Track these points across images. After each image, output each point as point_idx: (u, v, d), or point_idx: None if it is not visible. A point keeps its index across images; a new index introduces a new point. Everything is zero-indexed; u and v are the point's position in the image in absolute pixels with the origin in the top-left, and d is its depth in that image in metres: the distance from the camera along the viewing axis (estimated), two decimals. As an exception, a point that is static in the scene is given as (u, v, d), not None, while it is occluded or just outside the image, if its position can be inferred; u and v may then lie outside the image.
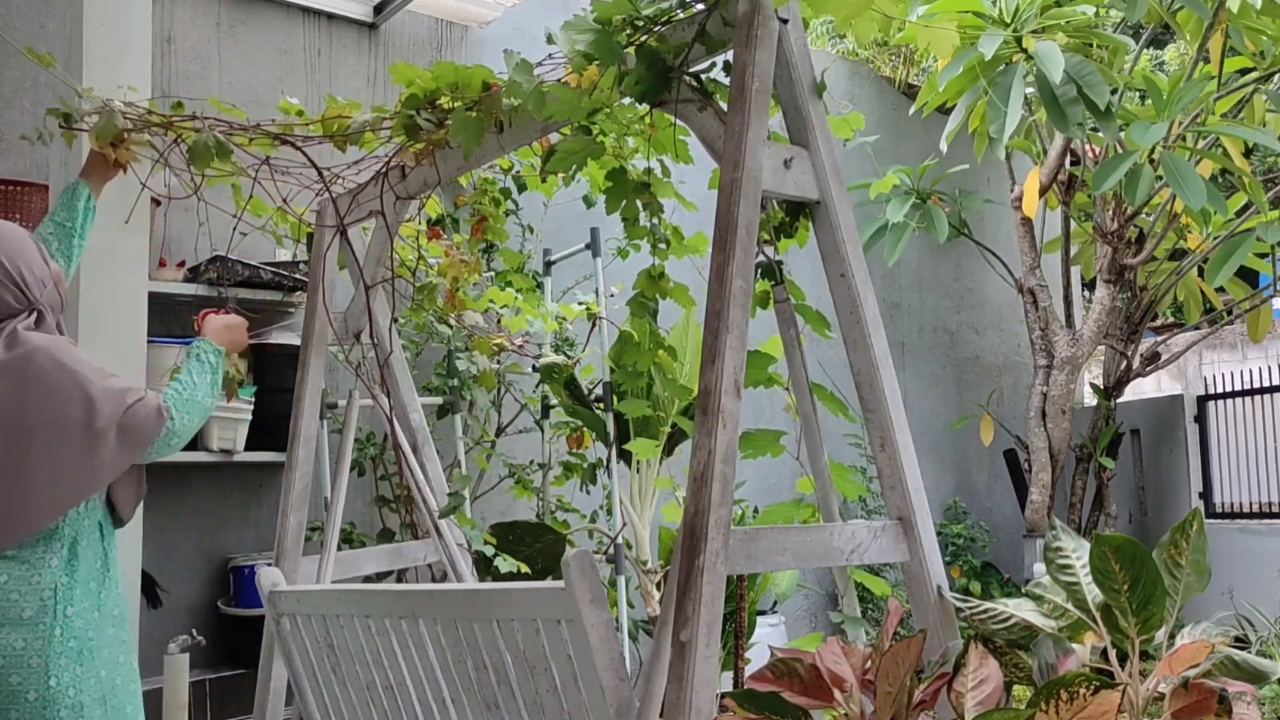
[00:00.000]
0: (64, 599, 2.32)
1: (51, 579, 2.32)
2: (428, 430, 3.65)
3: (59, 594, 2.32)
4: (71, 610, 2.33)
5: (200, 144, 3.07)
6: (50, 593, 2.31)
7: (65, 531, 2.35)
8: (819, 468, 2.60)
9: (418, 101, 2.79)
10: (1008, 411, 6.80)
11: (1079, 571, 2.28)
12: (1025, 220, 5.87)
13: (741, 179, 2.04)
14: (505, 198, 4.07)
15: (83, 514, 2.39)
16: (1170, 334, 6.43)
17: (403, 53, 4.87)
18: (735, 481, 1.96)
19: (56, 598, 2.31)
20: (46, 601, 2.30)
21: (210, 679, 3.93)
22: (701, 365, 1.99)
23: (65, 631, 2.31)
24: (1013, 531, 6.53)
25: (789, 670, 2.04)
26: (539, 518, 4.48)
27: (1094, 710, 1.79)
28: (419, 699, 2.52)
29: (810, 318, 2.64)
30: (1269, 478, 6.05)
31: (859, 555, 2.18)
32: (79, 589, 2.35)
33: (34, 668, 2.27)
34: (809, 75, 2.27)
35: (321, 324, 3.37)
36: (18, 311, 2.37)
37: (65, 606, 2.32)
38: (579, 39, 2.28)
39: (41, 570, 2.32)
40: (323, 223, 3.41)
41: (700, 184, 2.87)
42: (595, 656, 1.95)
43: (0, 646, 2.25)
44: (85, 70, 3.25)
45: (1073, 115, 4.06)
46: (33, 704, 2.26)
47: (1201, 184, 4.41)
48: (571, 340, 4.63)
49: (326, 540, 3.31)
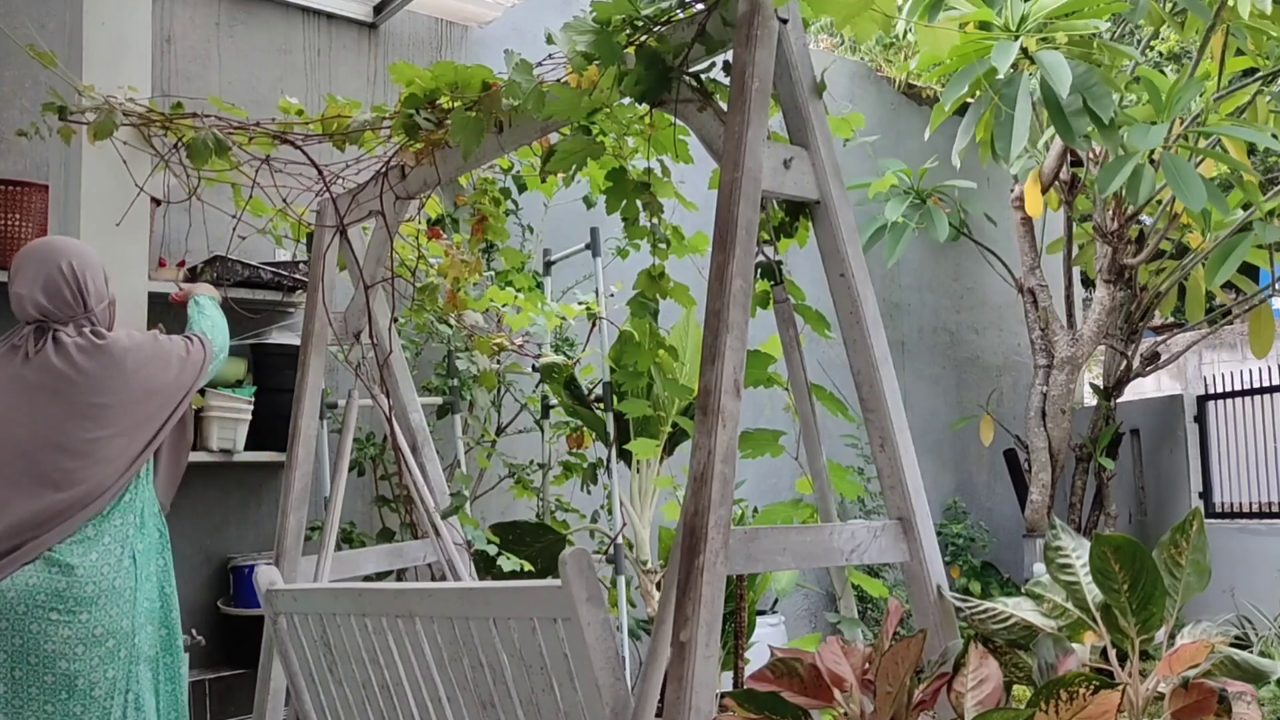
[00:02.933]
0: (142, 565, 2.66)
1: (130, 548, 2.63)
2: (428, 430, 3.65)
3: (137, 561, 2.64)
4: (146, 574, 2.67)
5: (199, 142, 3.07)
6: (131, 561, 2.62)
7: (137, 502, 2.67)
8: (818, 468, 2.59)
9: (417, 101, 2.79)
10: (1008, 411, 6.80)
11: (1079, 571, 2.27)
12: (1025, 220, 5.87)
13: (741, 179, 2.04)
14: (505, 197, 4.07)
15: (145, 484, 2.72)
16: (1170, 334, 6.43)
17: (403, 53, 4.86)
18: (735, 481, 1.96)
19: (135, 565, 2.63)
20: (129, 570, 2.61)
21: (210, 679, 3.93)
22: (701, 365, 1.99)
23: (143, 595, 2.65)
24: (1013, 531, 6.53)
25: (789, 670, 2.03)
26: (539, 518, 4.48)
27: (1094, 710, 1.79)
28: (415, 698, 2.52)
29: (810, 318, 2.64)
30: (1269, 478, 6.05)
31: (859, 555, 2.18)
32: (152, 554, 2.71)
33: (124, 630, 2.59)
34: (809, 75, 2.27)
35: (321, 324, 3.37)
36: (73, 316, 2.68)
37: (143, 571, 2.66)
38: (579, 39, 2.28)
39: (123, 542, 2.62)
40: (322, 223, 3.41)
41: (700, 184, 2.87)
42: (591, 655, 1.95)
43: (100, 617, 2.54)
44: (85, 70, 3.25)
45: (1078, 127, 4.05)
46: (124, 661, 2.59)
47: (1201, 185, 4.41)
48: (571, 340, 4.62)
49: (325, 540, 3.31)
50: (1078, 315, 6.05)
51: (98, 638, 2.53)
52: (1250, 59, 4.99)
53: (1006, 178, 6.28)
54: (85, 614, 2.52)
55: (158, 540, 2.77)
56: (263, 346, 4.13)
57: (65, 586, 2.51)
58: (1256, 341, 5.66)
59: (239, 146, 3.21)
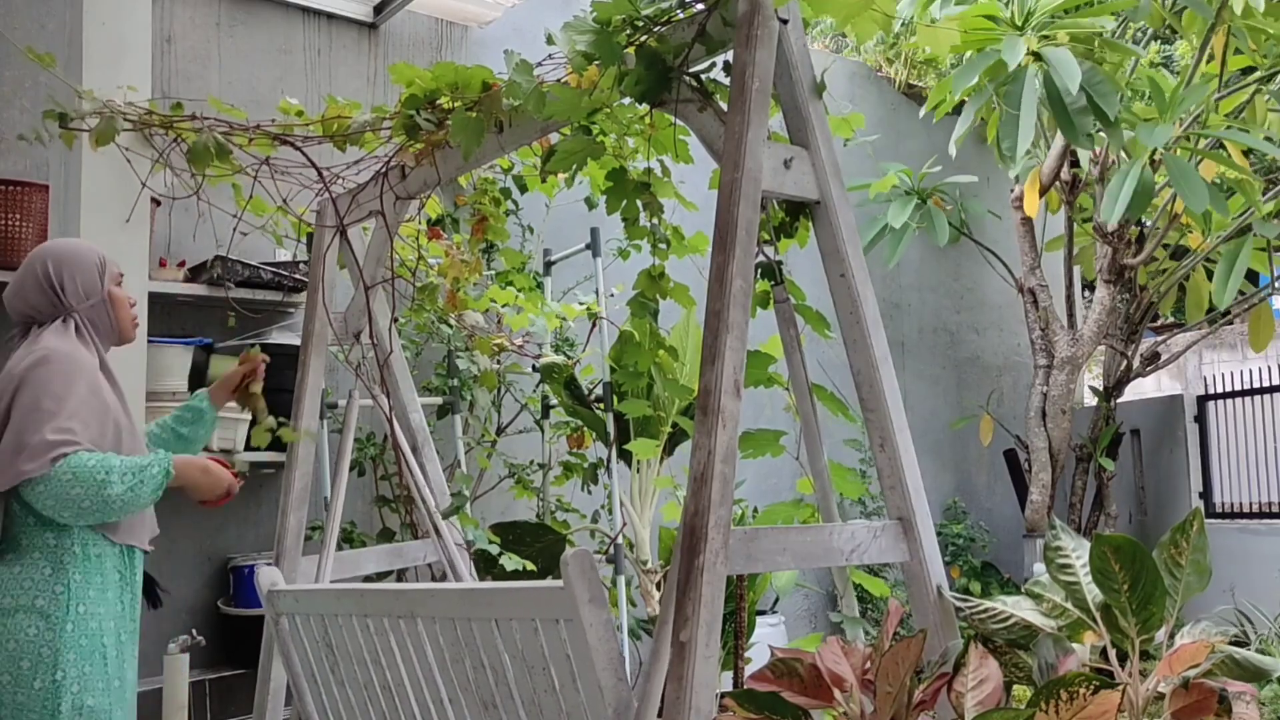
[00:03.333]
0: (78, 595, 2.39)
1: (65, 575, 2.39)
2: (428, 430, 3.65)
3: (72, 590, 2.38)
4: (84, 609, 2.40)
5: (200, 145, 3.07)
6: (64, 588, 2.38)
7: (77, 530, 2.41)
8: (819, 468, 2.60)
9: (418, 101, 2.79)
10: (1008, 411, 6.80)
11: (1079, 571, 2.27)
12: (1025, 220, 5.87)
13: (741, 179, 2.04)
14: (506, 198, 4.07)
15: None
16: (1170, 334, 6.43)
17: (403, 53, 4.86)
18: (735, 481, 1.96)
19: (70, 593, 2.38)
20: (59, 596, 2.37)
21: (210, 679, 3.93)
22: (701, 365, 1.99)
23: (77, 628, 2.37)
24: (1013, 531, 6.53)
25: (789, 670, 2.04)
26: (539, 518, 4.48)
27: (1094, 710, 1.79)
28: (417, 699, 2.52)
29: (810, 318, 2.64)
30: (1269, 478, 6.05)
31: (859, 555, 2.18)
32: (93, 590, 2.41)
33: (44, 658, 2.33)
34: (809, 75, 2.27)
35: (321, 324, 3.37)
36: (51, 316, 2.53)
37: (78, 604, 2.38)
38: (579, 39, 2.28)
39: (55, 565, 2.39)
40: (323, 223, 3.41)
41: (700, 184, 2.87)
42: (594, 656, 1.95)
43: (14, 630, 2.33)
44: (85, 70, 3.25)
45: (1082, 126, 4.04)
46: (37, 693, 2.32)
47: (1204, 186, 4.41)
48: (571, 340, 4.62)
49: (326, 540, 3.31)
50: (1078, 315, 6.05)
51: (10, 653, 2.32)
52: (1249, 58, 4.99)
53: (1006, 177, 6.28)
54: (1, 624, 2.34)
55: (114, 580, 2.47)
56: (263, 346, 4.13)
57: None
58: (1255, 337, 5.66)
59: (239, 148, 3.21)
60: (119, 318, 2.64)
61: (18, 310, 2.57)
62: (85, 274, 2.58)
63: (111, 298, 2.62)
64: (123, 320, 2.65)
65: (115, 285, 2.64)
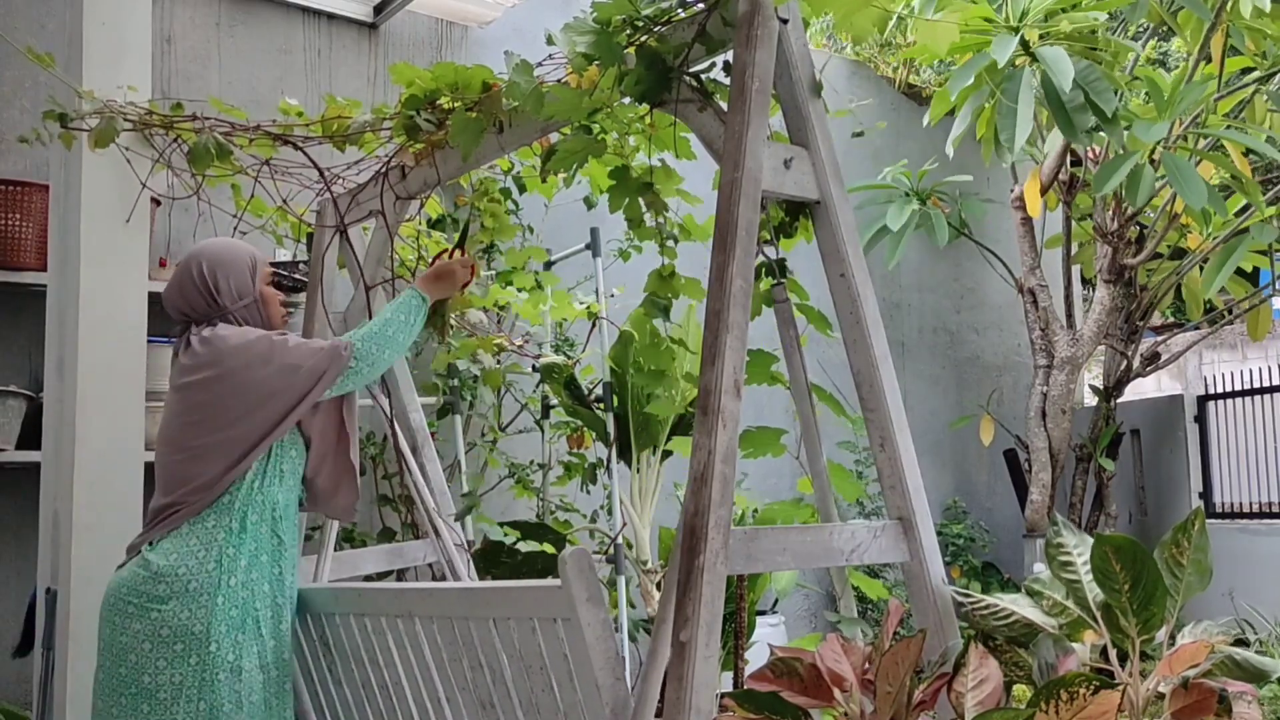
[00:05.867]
0: (229, 569, 2.52)
1: (218, 551, 2.52)
2: (428, 430, 3.65)
3: (224, 564, 2.52)
4: (235, 581, 2.54)
5: (200, 145, 3.07)
6: (215, 564, 2.51)
7: (236, 505, 2.56)
8: (818, 468, 2.59)
9: (418, 102, 2.79)
10: (1008, 411, 6.80)
11: (1080, 569, 2.27)
12: (1025, 220, 5.87)
13: (741, 179, 2.04)
14: (506, 198, 4.07)
15: (255, 489, 2.60)
16: (1170, 334, 6.43)
17: (403, 53, 4.87)
18: (735, 481, 1.96)
19: (221, 568, 2.51)
20: (211, 573, 2.50)
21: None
22: (701, 365, 1.99)
23: (228, 601, 2.51)
24: (1013, 531, 6.53)
25: (789, 669, 2.03)
26: (539, 518, 4.48)
27: (1094, 710, 1.79)
28: (415, 698, 2.52)
29: (812, 317, 2.64)
30: (1269, 478, 6.05)
31: (859, 555, 2.17)
32: (245, 559, 2.56)
33: (196, 635, 2.47)
34: (809, 75, 2.27)
35: (321, 324, 3.37)
36: (207, 316, 2.67)
37: (229, 577, 2.52)
38: (579, 39, 2.28)
39: (209, 544, 2.52)
40: (323, 223, 3.41)
41: (701, 183, 2.87)
42: (591, 655, 1.95)
43: (168, 618, 2.46)
44: (85, 70, 3.25)
45: (1080, 123, 4.04)
46: (194, 667, 2.47)
47: (1203, 184, 4.41)
48: (571, 340, 4.62)
49: (325, 540, 3.31)
50: (1078, 315, 6.04)
51: (164, 638, 2.46)
52: (1248, 58, 4.99)
53: (1006, 177, 6.28)
54: (155, 612, 2.47)
55: (269, 546, 2.62)
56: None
57: (142, 581, 2.49)
58: (1254, 329, 5.68)
59: (240, 149, 3.21)
60: (270, 315, 2.77)
61: (176, 309, 2.70)
62: (238, 275, 2.71)
63: (263, 296, 2.76)
64: (273, 317, 2.78)
65: (266, 284, 2.78)
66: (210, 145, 3.07)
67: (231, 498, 2.57)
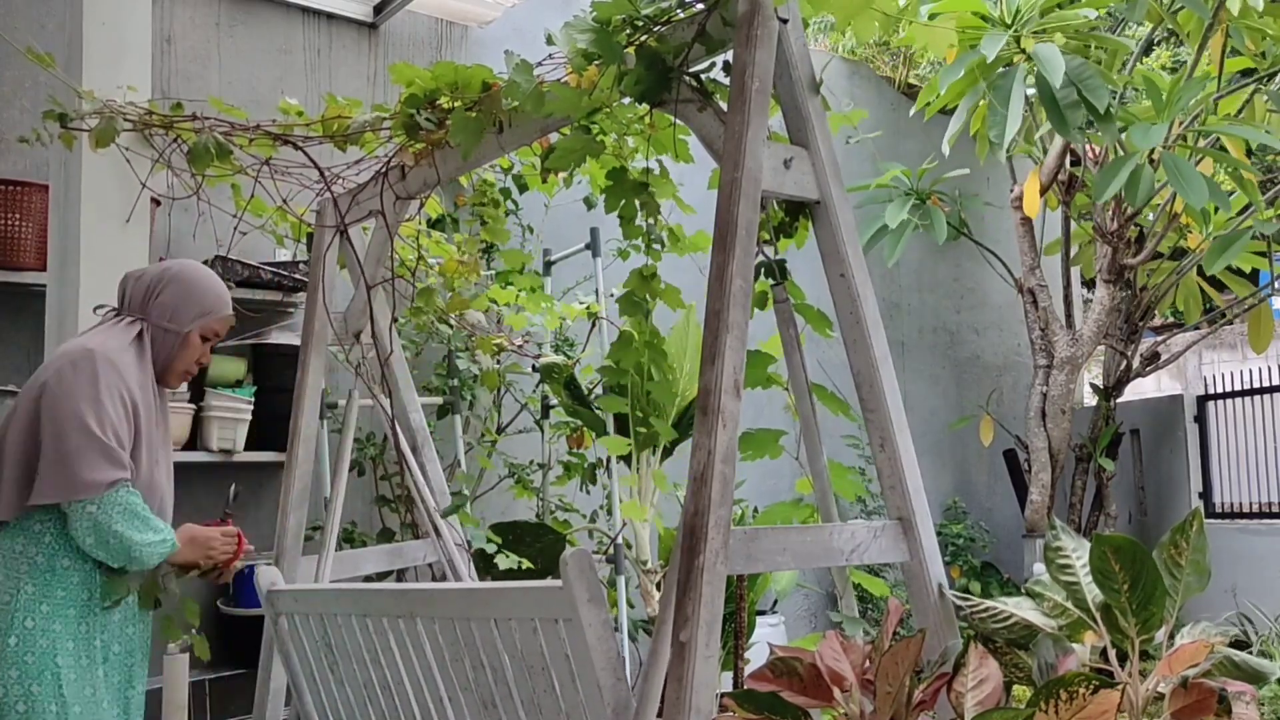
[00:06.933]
0: (25, 609, 2.29)
1: (15, 583, 2.31)
2: (428, 430, 3.65)
3: (20, 602, 2.29)
4: (32, 624, 2.29)
5: (200, 145, 3.07)
6: (10, 597, 2.30)
7: (46, 539, 2.34)
8: (818, 468, 2.59)
9: (418, 101, 2.79)
10: (1008, 411, 6.80)
11: (1079, 571, 2.28)
12: (1025, 220, 5.87)
13: (741, 179, 2.04)
14: (505, 198, 4.07)
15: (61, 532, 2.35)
16: (1170, 334, 6.42)
17: (403, 53, 4.86)
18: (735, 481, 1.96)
19: (16, 604, 2.29)
20: (5, 605, 2.29)
21: (210, 679, 3.93)
22: (701, 365, 1.99)
23: (22, 644, 2.27)
24: (1013, 531, 6.53)
25: (788, 669, 2.04)
26: (539, 518, 4.48)
27: (1094, 710, 1.79)
28: (416, 698, 2.52)
29: (811, 317, 2.64)
30: (1269, 478, 6.05)
31: (859, 555, 2.18)
32: (46, 604, 2.31)
33: None
34: (809, 75, 2.27)
35: (321, 324, 3.37)
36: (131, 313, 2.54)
37: (25, 618, 2.29)
38: (579, 39, 2.28)
39: (10, 568, 2.32)
40: (323, 223, 3.41)
41: (700, 184, 2.87)
42: (593, 656, 1.95)
43: None
44: (85, 70, 3.25)
45: (1072, 119, 4.04)
46: None
47: (1203, 182, 4.41)
48: (571, 340, 4.62)
49: (326, 540, 3.31)
50: (1077, 315, 6.04)
51: None
52: (1248, 59, 4.98)
53: (1006, 178, 6.28)
54: None
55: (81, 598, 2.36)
56: (263, 346, 4.13)
57: None
58: (1256, 339, 5.66)
59: (240, 149, 3.21)
60: (179, 356, 2.56)
61: (122, 289, 2.59)
62: (186, 302, 2.55)
63: (187, 340, 2.56)
64: (179, 361, 2.57)
65: (203, 334, 2.58)
66: (210, 145, 3.07)
67: (40, 531, 2.36)
